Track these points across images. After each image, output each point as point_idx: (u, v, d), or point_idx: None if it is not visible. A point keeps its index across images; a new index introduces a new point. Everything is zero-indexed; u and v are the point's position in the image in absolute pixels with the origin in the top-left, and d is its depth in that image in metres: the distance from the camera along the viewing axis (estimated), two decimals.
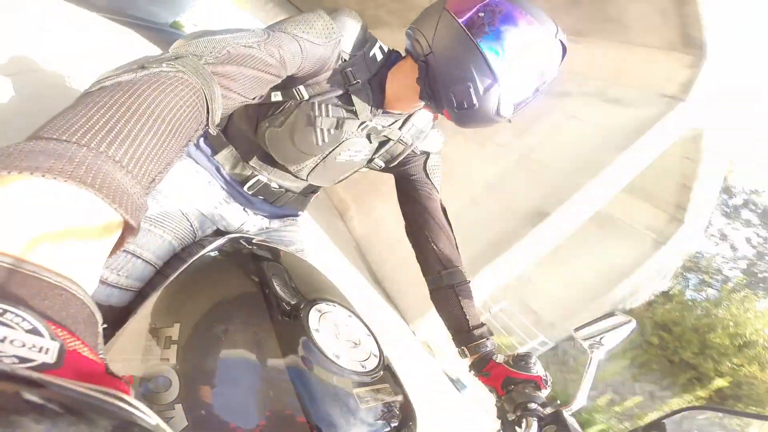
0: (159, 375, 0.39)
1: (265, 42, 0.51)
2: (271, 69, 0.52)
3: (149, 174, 0.30)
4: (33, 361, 0.15)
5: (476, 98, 0.62)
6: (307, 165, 0.78)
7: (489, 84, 0.62)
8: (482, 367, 0.74)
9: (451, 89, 0.64)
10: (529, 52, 0.62)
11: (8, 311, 0.16)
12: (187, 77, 0.37)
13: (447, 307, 0.81)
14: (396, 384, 0.55)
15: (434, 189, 0.89)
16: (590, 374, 0.61)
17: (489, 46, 0.60)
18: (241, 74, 0.47)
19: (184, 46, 0.43)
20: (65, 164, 0.23)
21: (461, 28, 0.61)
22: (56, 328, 0.17)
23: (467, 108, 0.64)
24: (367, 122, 0.74)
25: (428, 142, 0.87)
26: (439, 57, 0.64)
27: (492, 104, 0.63)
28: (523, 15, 0.61)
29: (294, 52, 0.57)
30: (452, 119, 0.70)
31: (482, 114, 0.65)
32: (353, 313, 0.61)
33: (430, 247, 0.84)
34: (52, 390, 0.13)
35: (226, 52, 0.45)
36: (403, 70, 0.72)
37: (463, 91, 0.63)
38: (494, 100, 0.63)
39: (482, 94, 0.62)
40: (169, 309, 0.49)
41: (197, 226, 0.79)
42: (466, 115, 0.66)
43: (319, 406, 0.42)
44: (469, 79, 0.62)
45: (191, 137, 0.37)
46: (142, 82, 0.33)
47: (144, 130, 0.30)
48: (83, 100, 0.30)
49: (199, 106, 0.38)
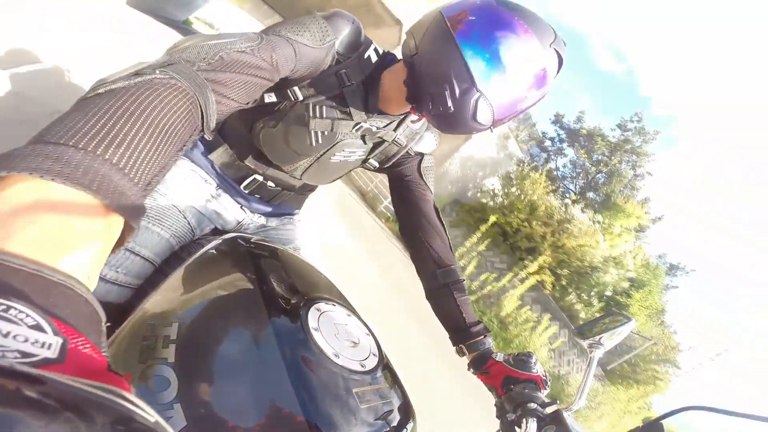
0: (157, 374, 0.39)
1: (258, 47, 0.51)
2: (265, 74, 0.52)
3: (146, 176, 0.30)
4: (36, 356, 0.15)
5: (451, 102, 0.61)
6: (301, 165, 0.78)
7: (465, 88, 0.59)
8: (481, 365, 0.74)
9: (428, 91, 0.63)
10: (517, 61, 0.59)
11: (12, 307, 0.16)
12: (181, 84, 0.37)
13: (443, 305, 0.82)
14: (395, 383, 0.55)
15: (428, 190, 0.89)
16: (590, 374, 0.61)
17: (473, 50, 0.58)
18: (234, 80, 0.46)
19: (177, 53, 0.43)
20: (64, 167, 0.24)
21: (447, 29, 0.60)
22: (59, 324, 0.17)
23: (442, 111, 0.63)
24: (362, 123, 0.74)
25: (422, 144, 0.88)
26: (423, 58, 0.63)
27: (467, 110, 0.61)
28: (517, 22, 0.58)
29: (287, 56, 0.56)
30: (431, 123, 0.70)
31: (458, 119, 0.63)
32: (352, 312, 0.61)
33: (425, 247, 0.85)
34: (52, 387, 0.12)
35: (219, 57, 0.45)
36: (395, 72, 0.72)
37: (439, 93, 0.61)
38: (470, 106, 0.60)
39: (458, 98, 0.60)
40: (168, 308, 0.49)
41: (195, 225, 0.79)
42: (443, 119, 0.65)
43: (319, 406, 0.42)
44: (446, 82, 0.60)
45: (186, 142, 0.37)
46: (136, 88, 0.33)
47: (139, 135, 0.30)
48: (80, 106, 0.31)
49: (193, 112, 0.38)
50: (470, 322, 0.78)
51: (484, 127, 0.65)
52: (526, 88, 0.61)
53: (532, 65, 0.60)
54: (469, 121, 0.62)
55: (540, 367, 0.69)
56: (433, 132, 0.89)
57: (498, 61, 0.58)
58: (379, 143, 0.83)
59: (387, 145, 0.83)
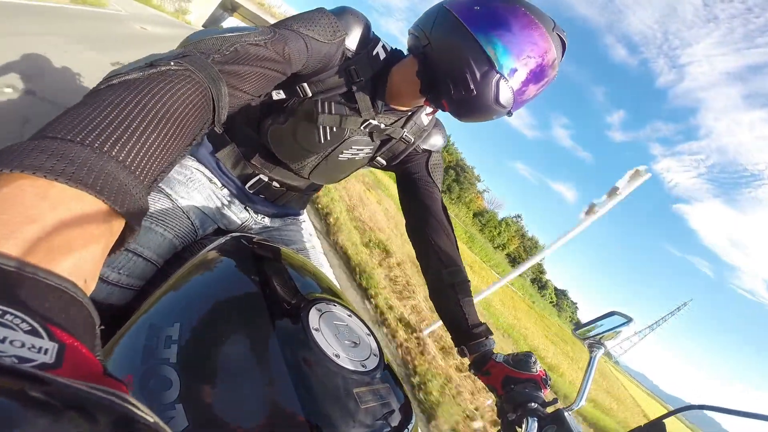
0: (159, 374, 0.39)
1: (271, 40, 0.51)
2: (278, 66, 0.52)
3: (152, 173, 0.30)
4: (32, 362, 0.15)
5: (473, 84, 0.62)
6: (309, 163, 0.78)
7: (486, 70, 0.61)
8: (482, 366, 0.74)
9: (448, 77, 0.63)
10: (526, 44, 0.61)
11: (8, 312, 0.16)
12: (195, 75, 0.37)
13: (446, 305, 0.81)
14: (396, 384, 0.55)
15: (435, 187, 0.88)
16: (591, 374, 0.61)
17: (485, 35, 0.60)
18: (248, 72, 0.47)
19: (192, 45, 0.43)
20: (67, 165, 0.24)
21: (456, 18, 0.61)
22: (54, 329, 0.17)
23: (465, 95, 0.63)
24: (370, 120, 0.74)
25: (430, 141, 0.87)
26: (437, 47, 0.64)
27: (490, 92, 0.62)
28: (519, 9, 0.61)
29: (300, 50, 0.57)
30: (451, 111, 0.69)
31: (481, 102, 0.63)
32: (353, 313, 0.61)
33: (431, 246, 0.84)
34: (53, 387, 0.13)
35: (234, 49, 0.45)
36: (405, 66, 0.73)
37: (461, 77, 0.62)
38: (492, 87, 0.62)
39: (479, 80, 0.61)
40: (170, 308, 0.49)
41: (198, 225, 0.79)
42: (465, 104, 0.65)
43: (319, 406, 0.42)
44: (465, 65, 0.61)
45: (196, 136, 0.37)
46: (150, 80, 0.33)
47: (149, 129, 0.30)
48: (90, 98, 0.30)
49: (206, 104, 0.38)
50: (473, 324, 0.78)
51: (505, 110, 0.66)
52: (538, 71, 0.63)
53: (541, 49, 0.62)
54: (492, 103, 0.64)
55: (540, 367, 0.69)
56: (441, 129, 0.89)
57: (510, 45, 0.60)
58: (387, 140, 0.83)
59: (395, 143, 0.83)
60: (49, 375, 0.13)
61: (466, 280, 0.82)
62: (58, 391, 0.13)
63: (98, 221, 0.25)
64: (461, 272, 0.82)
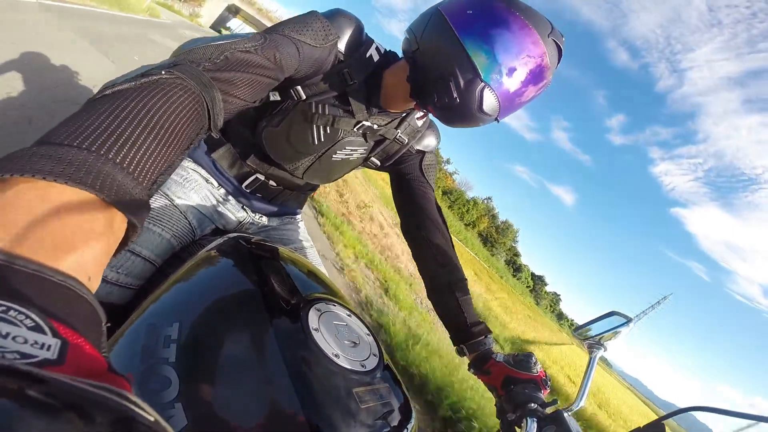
0: (158, 374, 0.39)
1: (262, 46, 0.51)
2: (269, 72, 0.52)
3: (151, 176, 0.30)
4: (35, 358, 0.15)
5: (457, 93, 0.61)
6: (303, 163, 0.78)
7: (470, 79, 0.60)
8: (482, 365, 0.74)
9: (433, 84, 0.63)
10: (517, 50, 0.59)
11: (11, 308, 0.16)
12: (186, 83, 0.38)
13: (445, 304, 0.81)
14: (396, 383, 0.55)
15: (429, 187, 0.89)
16: (590, 374, 0.61)
17: (473, 42, 0.59)
18: (239, 79, 0.47)
19: (183, 54, 0.43)
20: (65, 167, 0.24)
21: (446, 23, 0.61)
22: (58, 325, 0.17)
23: (448, 103, 0.63)
24: (363, 122, 0.74)
25: (424, 142, 0.88)
26: (425, 52, 0.64)
27: (473, 101, 0.62)
28: (513, 14, 0.59)
29: (291, 55, 0.57)
30: (437, 117, 0.70)
31: (463, 110, 0.63)
32: (353, 312, 0.61)
33: (427, 246, 0.84)
34: (52, 386, 0.13)
35: (224, 57, 0.45)
36: (398, 69, 0.73)
37: (444, 85, 0.62)
38: (475, 97, 0.61)
39: (463, 89, 0.61)
40: (169, 308, 0.49)
41: (196, 225, 0.79)
42: (449, 112, 0.65)
43: (319, 406, 0.42)
44: (449, 74, 0.61)
45: (193, 141, 0.37)
46: (142, 88, 0.34)
47: (144, 134, 0.31)
48: (87, 107, 0.31)
49: (200, 110, 0.38)
50: (471, 322, 0.78)
51: (491, 118, 0.65)
52: (529, 78, 0.62)
53: (533, 56, 0.60)
54: (476, 111, 0.63)
55: (540, 368, 0.69)
56: (435, 130, 0.89)
57: (499, 52, 0.59)
58: (381, 141, 0.83)
59: (388, 143, 0.83)
60: (48, 373, 0.13)
61: (463, 279, 0.82)
62: (57, 390, 0.13)
63: (99, 219, 0.25)
64: (458, 270, 0.83)
